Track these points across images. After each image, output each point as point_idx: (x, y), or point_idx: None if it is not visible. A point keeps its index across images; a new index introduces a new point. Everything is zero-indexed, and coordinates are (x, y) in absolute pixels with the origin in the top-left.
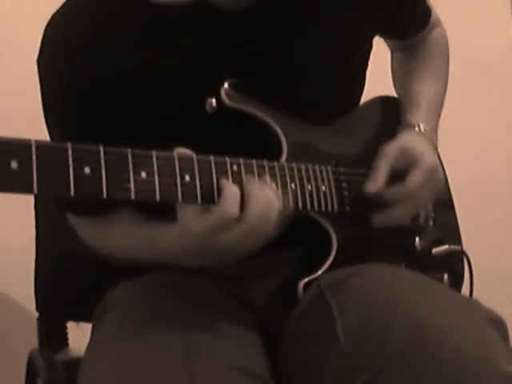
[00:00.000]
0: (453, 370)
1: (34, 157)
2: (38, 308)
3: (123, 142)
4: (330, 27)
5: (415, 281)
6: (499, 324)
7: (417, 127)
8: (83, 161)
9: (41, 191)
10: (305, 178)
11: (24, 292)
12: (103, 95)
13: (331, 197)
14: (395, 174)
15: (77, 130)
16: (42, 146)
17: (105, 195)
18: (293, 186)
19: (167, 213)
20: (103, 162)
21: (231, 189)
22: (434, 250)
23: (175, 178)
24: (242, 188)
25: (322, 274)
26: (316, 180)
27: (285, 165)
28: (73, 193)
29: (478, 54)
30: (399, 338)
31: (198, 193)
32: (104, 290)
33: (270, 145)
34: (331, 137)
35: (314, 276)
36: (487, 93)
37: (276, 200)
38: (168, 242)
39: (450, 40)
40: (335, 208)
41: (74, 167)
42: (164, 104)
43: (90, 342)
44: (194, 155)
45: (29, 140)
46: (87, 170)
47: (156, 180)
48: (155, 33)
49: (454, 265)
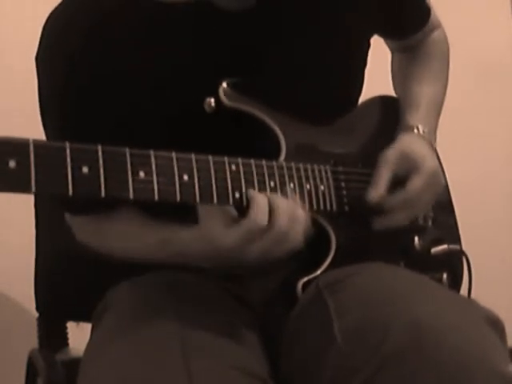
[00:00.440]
0: (452, 371)
1: (31, 156)
2: (37, 308)
3: (122, 141)
4: (329, 27)
5: (414, 281)
6: (497, 324)
7: (416, 129)
8: (81, 160)
9: (39, 190)
10: (303, 178)
11: (24, 292)
12: (102, 93)
13: (330, 196)
14: (396, 179)
15: (74, 128)
16: (39, 145)
17: (103, 194)
18: (291, 185)
19: (180, 213)
20: (101, 162)
21: (261, 199)
22: (433, 250)
23: (174, 177)
24: (268, 198)
25: (321, 274)
26: (315, 179)
27: (283, 164)
28: (71, 192)
29: (478, 54)
30: (398, 338)
31: (197, 192)
32: (104, 290)
33: (268, 144)
34: (330, 136)
35: (313, 275)
36: (487, 93)
37: (301, 210)
38: (187, 246)
39: (450, 40)
40: (334, 208)
41: (72, 166)
42: (163, 104)
43: (89, 341)
44: (193, 155)
45: (27, 139)
46: (85, 169)
47: (154, 179)
48: (155, 32)
49: (453, 264)
